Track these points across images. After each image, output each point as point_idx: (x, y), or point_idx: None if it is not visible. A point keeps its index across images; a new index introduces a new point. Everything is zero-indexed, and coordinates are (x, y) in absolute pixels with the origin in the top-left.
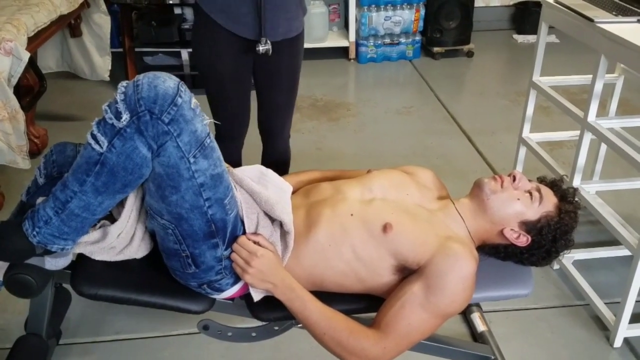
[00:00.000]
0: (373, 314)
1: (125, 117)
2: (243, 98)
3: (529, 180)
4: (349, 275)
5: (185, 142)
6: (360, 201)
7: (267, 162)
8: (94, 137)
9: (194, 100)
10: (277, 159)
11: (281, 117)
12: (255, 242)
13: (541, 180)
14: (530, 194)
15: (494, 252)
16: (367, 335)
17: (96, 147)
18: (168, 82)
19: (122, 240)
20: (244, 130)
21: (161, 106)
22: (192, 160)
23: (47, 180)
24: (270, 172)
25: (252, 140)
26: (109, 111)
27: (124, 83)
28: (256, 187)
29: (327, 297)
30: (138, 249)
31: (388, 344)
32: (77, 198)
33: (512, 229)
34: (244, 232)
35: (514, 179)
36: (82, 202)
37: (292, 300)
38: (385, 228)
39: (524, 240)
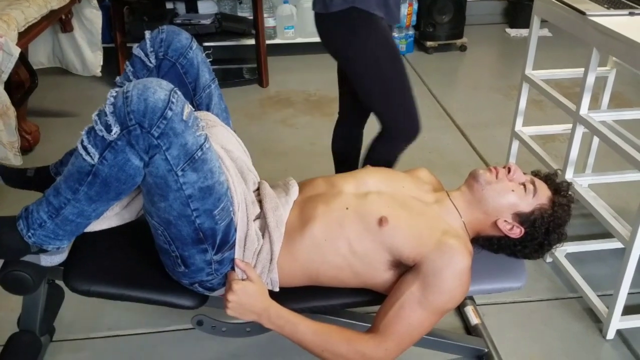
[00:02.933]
0: (368, 308)
1: (116, 130)
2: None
3: (524, 173)
4: (345, 270)
5: (174, 155)
6: (355, 195)
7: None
8: (84, 148)
9: (186, 110)
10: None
11: None
12: (242, 269)
13: (535, 173)
14: (525, 186)
15: (488, 244)
16: (365, 340)
17: (87, 158)
18: (158, 93)
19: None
20: None
21: (150, 120)
22: (180, 173)
23: (158, 62)
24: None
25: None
26: (98, 122)
27: (113, 92)
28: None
29: (323, 292)
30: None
31: (389, 345)
32: (70, 205)
33: (505, 220)
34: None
35: (509, 171)
36: (76, 209)
37: (282, 327)
38: (381, 221)
39: (517, 231)
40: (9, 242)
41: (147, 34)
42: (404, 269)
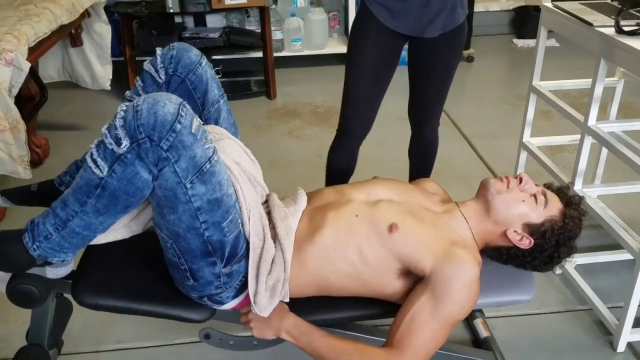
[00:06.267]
0: (376, 321)
1: (125, 143)
2: (376, 96)
3: (536, 185)
4: (354, 278)
5: (182, 168)
6: (366, 203)
7: (414, 149)
8: (94, 161)
9: (195, 124)
10: (423, 146)
11: (431, 109)
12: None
13: (547, 186)
14: (536, 197)
15: (497, 255)
16: (380, 354)
17: (96, 171)
18: (168, 106)
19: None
20: (367, 129)
21: (160, 133)
22: (188, 185)
23: (167, 78)
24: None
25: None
26: (108, 136)
27: (123, 106)
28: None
29: (332, 303)
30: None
31: (404, 359)
32: (78, 218)
33: (515, 231)
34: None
35: (520, 181)
36: (84, 222)
37: (297, 338)
38: (391, 228)
39: (526, 242)
40: (15, 255)
41: (158, 50)
42: (413, 278)
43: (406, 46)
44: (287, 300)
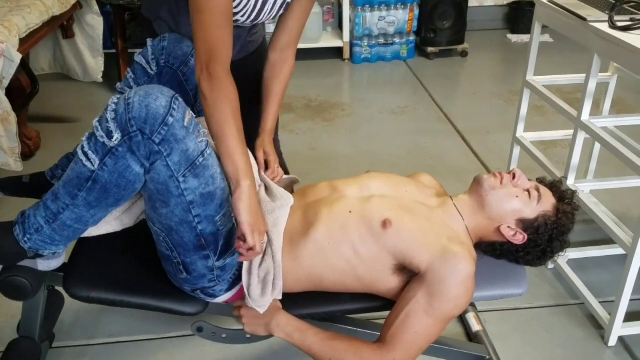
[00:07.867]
0: (369, 314)
1: (117, 136)
2: None
3: (529, 180)
4: (349, 274)
5: (175, 161)
6: (359, 198)
7: None
8: (85, 153)
9: (187, 117)
10: None
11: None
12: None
13: (540, 181)
14: (529, 192)
15: (490, 250)
16: (373, 350)
17: (87, 164)
18: (160, 99)
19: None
20: None
21: (152, 126)
22: (181, 179)
23: (159, 70)
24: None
25: None
26: (99, 128)
27: (114, 99)
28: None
29: (326, 298)
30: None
31: (397, 355)
32: (69, 210)
33: (509, 226)
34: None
35: (514, 177)
36: (75, 215)
37: (291, 335)
38: (385, 224)
39: (520, 238)
40: (5, 247)
41: (149, 41)
42: (408, 274)
43: None
44: (280, 297)
